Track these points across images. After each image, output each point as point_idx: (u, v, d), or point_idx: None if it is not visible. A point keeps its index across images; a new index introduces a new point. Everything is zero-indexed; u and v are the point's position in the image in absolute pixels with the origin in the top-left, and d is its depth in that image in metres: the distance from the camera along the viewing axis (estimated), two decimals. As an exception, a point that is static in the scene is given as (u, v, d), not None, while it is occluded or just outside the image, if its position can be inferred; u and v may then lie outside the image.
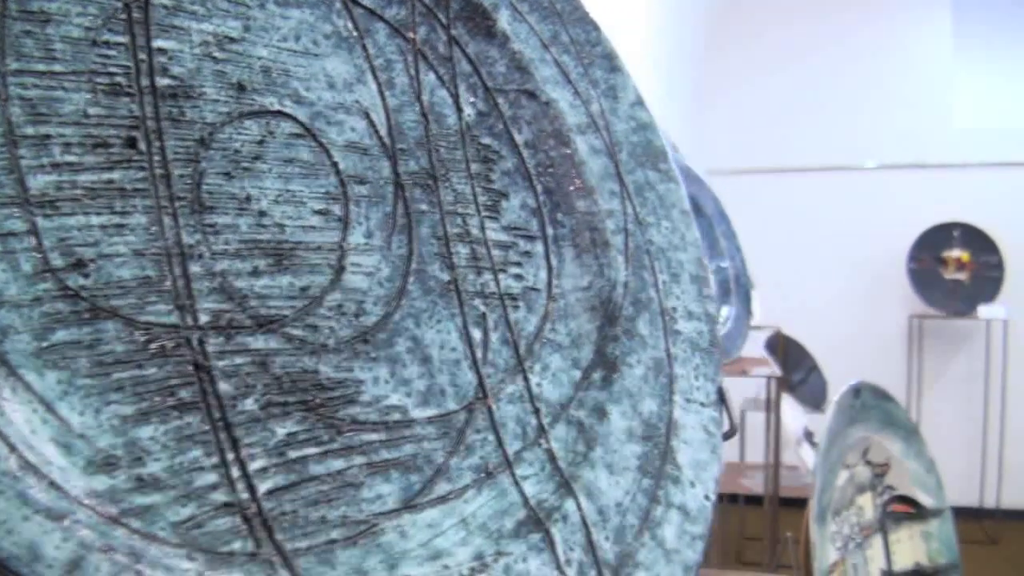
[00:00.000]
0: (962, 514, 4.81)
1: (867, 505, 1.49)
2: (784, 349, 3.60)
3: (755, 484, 3.33)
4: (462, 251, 0.61)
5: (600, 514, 0.55)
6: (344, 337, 0.54)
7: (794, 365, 3.67)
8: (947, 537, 1.61)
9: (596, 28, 0.72)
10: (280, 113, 0.57)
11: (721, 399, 0.64)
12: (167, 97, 0.52)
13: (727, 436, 0.63)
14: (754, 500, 3.65)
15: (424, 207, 0.60)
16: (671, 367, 0.63)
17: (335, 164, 0.58)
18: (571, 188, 0.65)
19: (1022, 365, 4.89)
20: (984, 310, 4.61)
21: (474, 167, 0.63)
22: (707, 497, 0.59)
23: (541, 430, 0.57)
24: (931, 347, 5.00)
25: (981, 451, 4.94)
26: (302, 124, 0.57)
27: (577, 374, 0.61)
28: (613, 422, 0.59)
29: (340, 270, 0.55)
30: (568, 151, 0.66)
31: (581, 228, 0.65)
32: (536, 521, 0.53)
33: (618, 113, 0.70)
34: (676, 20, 4.29)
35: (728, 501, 3.99)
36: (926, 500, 1.59)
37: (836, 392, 1.54)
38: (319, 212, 0.56)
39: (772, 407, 2.56)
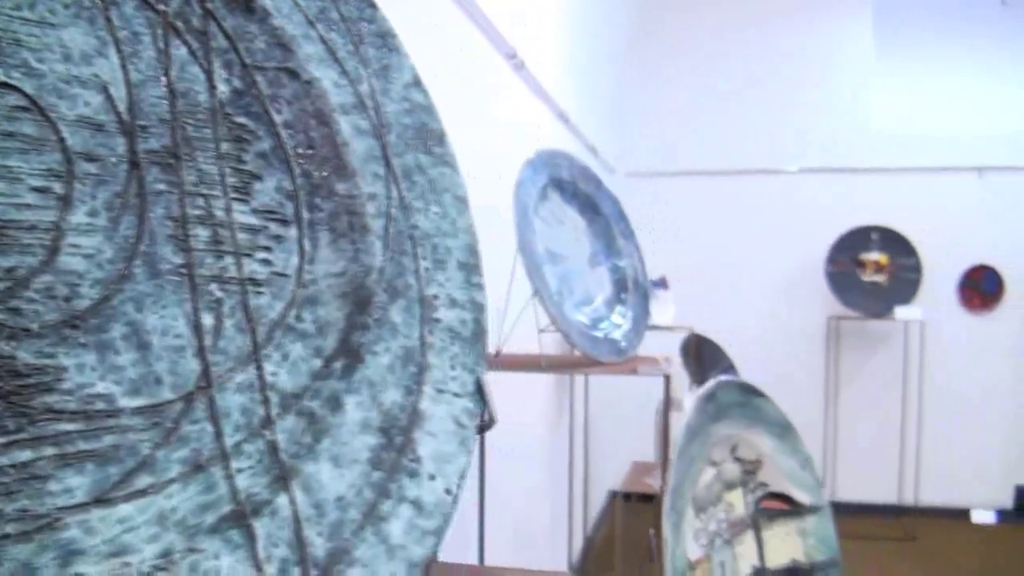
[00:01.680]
0: (881, 511, 4.91)
1: (737, 502, 1.49)
2: (700, 349, 3.61)
3: (658, 482, 3.34)
4: (202, 234, 0.58)
5: (316, 509, 0.53)
6: (50, 321, 0.51)
7: (711, 365, 3.68)
8: (825, 533, 1.61)
9: (371, 5, 0.69)
10: (3, 84, 0.54)
11: (480, 390, 0.61)
12: None
13: (484, 428, 0.60)
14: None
15: (162, 187, 0.57)
16: (424, 356, 0.61)
17: (62, 139, 0.54)
18: (331, 170, 0.62)
19: (939, 366, 4.98)
20: (901, 311, 4.68)
21: (224, 147, 0.60)
22: (447, 491, 0.56)
23: (267, 421, 0.55)
24: (849, 347, 5.07)
25: (899, 449, 5.02)
26: (28, 96, 0.54)
27: (318, 363, 0.58)
28: (348, 413, 0.57)
29: (54, 251, 0.52)
30: (330, 132, 0.63)
31: (340, 212, 0.62)
32: (240, 516, 0.50)
33: (390, 94, 0.67)
34: (599, 24, 4.29)
35: (639, 500, 3.99)
36: (802, 497, 1.58)
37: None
38: (37, 190, 0.53)
39: (666, 406, 2.55)
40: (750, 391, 1.47)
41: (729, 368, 3.73)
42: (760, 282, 5.11)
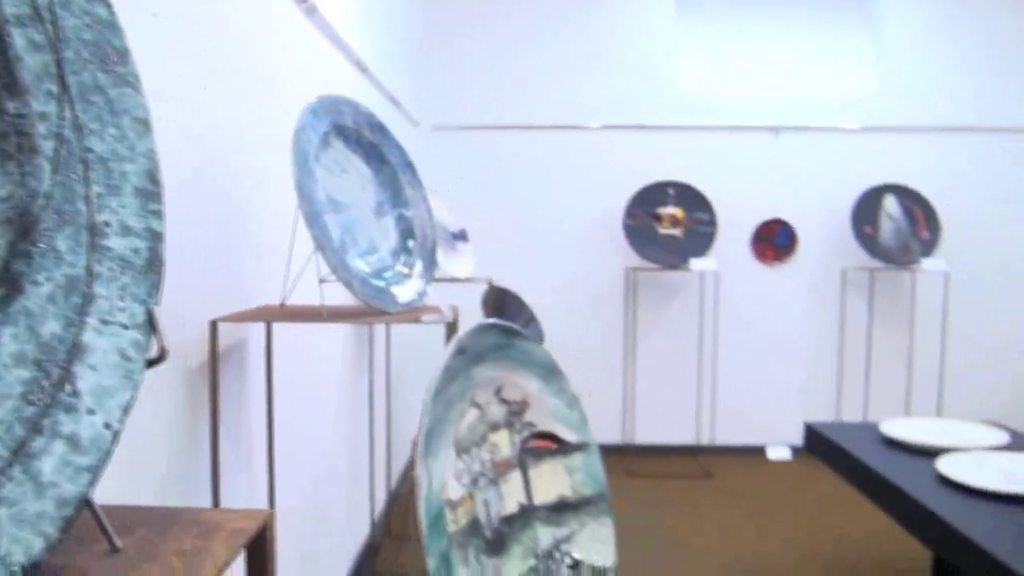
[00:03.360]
0: (681, 451, 5.16)
1: (503, 442, 1.52)
2: (501, 300, 3.65)
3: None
4: None
5: (-42, 448, 0.49)
6: None
7: (512, 316, 3.73)
8: (592, 469, 1.67)
9: (50, -89, 0.63)
10: None
11: (151, 322, 0.58)
12: None
13: (154, 362, 0.58)
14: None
15: None
16: (90, 286, 0.57)
17: None
18: (1, 87, 0.58)
19: (733, 314, 5.27)
20: (696, 263, 4.89)
21: None
22: (107, 425, 0.54)
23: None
24: (647, 298, 5.28)
25: (696, 393, 5.29)
26: None
27: (-26, 295, 0.54)
28: (2, 346, 0.53)
29: None
30: (1, 45, 0.58)
31: (8, 132, 0.57)
32: None
33: (70, 7, 0.62)
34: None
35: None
36: (568, 435, 1.63)
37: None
38: None
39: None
40: (512, 333, 1.49)
41: (531, 320, 3.79)
42: (560, 235, 5.23)
